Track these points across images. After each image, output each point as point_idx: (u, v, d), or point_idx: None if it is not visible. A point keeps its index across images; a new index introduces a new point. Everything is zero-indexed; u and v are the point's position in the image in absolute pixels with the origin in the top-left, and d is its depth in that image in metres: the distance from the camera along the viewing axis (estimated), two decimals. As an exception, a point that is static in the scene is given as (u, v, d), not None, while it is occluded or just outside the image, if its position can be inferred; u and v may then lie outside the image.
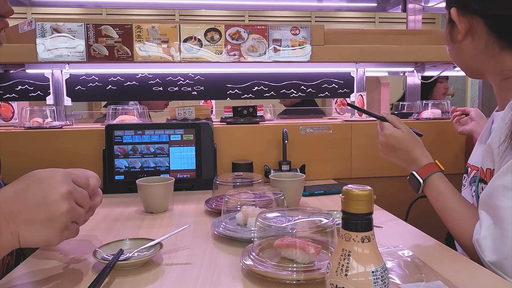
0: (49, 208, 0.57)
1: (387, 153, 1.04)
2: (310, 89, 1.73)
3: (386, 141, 1.02)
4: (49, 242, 0.58)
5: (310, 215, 0.72)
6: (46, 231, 0.57)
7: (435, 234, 0.88)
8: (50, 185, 0.59)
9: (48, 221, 0.57)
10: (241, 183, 1.10)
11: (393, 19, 4.68)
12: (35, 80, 1.57)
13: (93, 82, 1.60)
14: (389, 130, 1.02)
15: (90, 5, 2.56)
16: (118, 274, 0.68)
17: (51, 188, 0.58)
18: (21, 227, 0.55)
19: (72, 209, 0.60)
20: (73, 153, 1.34)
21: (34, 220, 0.56)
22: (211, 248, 0.81)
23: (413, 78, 1.85)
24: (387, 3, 2.34)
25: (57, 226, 0.58)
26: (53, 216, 0.57)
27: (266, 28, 1.49)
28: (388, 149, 1.03)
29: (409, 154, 0.98)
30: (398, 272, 0.66)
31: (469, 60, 0.88)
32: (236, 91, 1.69)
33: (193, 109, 1.44)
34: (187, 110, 1.44)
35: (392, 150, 1.01)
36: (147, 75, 1.63)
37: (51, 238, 0.57)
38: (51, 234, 0.57)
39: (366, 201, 0.45)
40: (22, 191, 0.58)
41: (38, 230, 0.56)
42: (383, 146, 1.04)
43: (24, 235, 0.56)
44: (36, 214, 0.56)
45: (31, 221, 0.56)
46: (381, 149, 1.05)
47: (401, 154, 0.99)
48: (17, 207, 0.56)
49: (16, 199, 0.57)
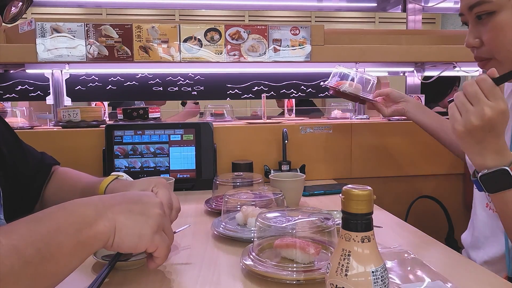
0: (144, 206, 0.61)
1: (475, 133, 0.71)
2: (310, 89, 1.73)
3: (493, 119, 0.69)
4: (141, 238, 0.58)
5: (310, 215, 0.72)
6: (140, 225, 0.58)
7: (435, 234, 0.88)
8: (146, 194, 0.66)
9: (142, 214, 0.59)
10: (241, 183, 1.10)
11: (393, 19, 4.68)
12: (35, 80, 1.57)
13: (93, 82, 1.60)
14: (504, 105, 0.70)
15: (90, 5, 2.56)
16: (118, 274, 0.68)
17: (148, 196, 0.65)
18: (118, 216, 0.57)
19: (163, 216, 0.63)
20: (73, 153, 1.34)
21: (130, 211, 0.59)
22: (211, 248, 0.81)
23: (413, 78, 1.85)
24: (387, 3, 2.34)
25: (149, 223, 0.59)
26: (147, 212, 0.60)
27: (266, 28, 1.49)
28: (483, 130, 0.70)
29: (499, 139, 0.72)
30: (398, 272, 0.66)
31: None
32: (236, 91, 1.69)
33: (78, 111, 1.37)
34: (71, 112, 1.37)
35: (487, 131, 0.71)
36: (147, 75, 1.63)
37: (143, 233, 0.58)
38: (144, 229, 0.58)
39: (366, 201, 0.45)
40: (121, 194, 0.65)
41: (133, 221, 0.58)
42: (484, 123, 0.70)
43: (120, 224, 0.57)
44: (132, 207, 0.60)
45: (127, 211, 0.58)
46: (475, 125, 0.70)
47: (491, 139, 0.71)
48: (116, 201, 0.60)
49: (115, 197, 0.62)
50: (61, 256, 0.50)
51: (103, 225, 0.55)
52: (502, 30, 0.77)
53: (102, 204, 0.57)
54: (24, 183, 0.88)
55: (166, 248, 0.62)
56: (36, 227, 0.49)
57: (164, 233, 0.62)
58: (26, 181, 0.89)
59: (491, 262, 0.90)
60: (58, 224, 0.51)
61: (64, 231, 0.51)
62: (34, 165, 0.92)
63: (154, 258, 0.61)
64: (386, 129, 1.51)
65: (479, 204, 0.96)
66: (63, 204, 0.55)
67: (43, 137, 1.34)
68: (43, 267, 0.47)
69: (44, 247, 0.48)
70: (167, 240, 0.62)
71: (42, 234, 0.49)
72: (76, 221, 0.53)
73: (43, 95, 1.57)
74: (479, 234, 0.95)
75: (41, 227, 0.50)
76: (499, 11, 0.78)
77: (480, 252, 0.94)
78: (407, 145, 1.51)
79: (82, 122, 1.39)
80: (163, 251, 0.61)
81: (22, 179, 0.88)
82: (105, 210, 0.56)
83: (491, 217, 0.91)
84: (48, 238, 0.49)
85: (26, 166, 0.89)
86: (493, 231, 0.90)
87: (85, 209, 0.55)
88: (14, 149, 0.87)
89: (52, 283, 0.50)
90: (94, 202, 0.57)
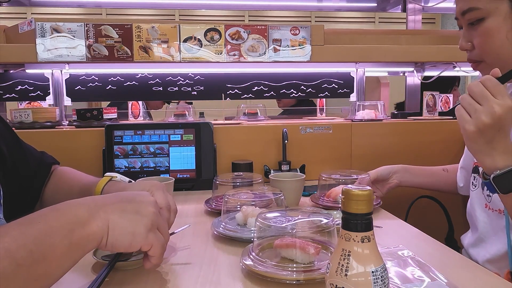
0: (138, 205, 0.61)
1: (486, 132, 0.71)
2: (310, 89, 1.73)
3: (502, 117, 0.69)
4: (135, 236, 0.58)
5: (310, 215, 0.72)
6: (133, 223, 0.58)
7: (435, 234, 0.88)
8: (140, 193, 0.66)
9: (135, 213, 0.59)
10: (241, 183, 1.10)
11: (393, 19, 4.68)
12: (35, 80, 1.57)
13: (93, 82, 1.60)
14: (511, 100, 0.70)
15: (90, 5, 2.56)
16: (118, 274, 0.68)
17: (142, 195, 0.64)
18: (111, 215, 0.57)
19: (158, 215, 0.63)
20: (73, 153, 1.34)
21: (123, 210, 0.59)
22: (211, 248, 0.81)
23: (413, 78, 1.85)
24: (387, 3, 2.33)
25: (143, 221, 0.59)
26: (141, 211, 0.60)
27: (266, 28, 1.49)
28: (493, 128, 0.70)
29: (507, 139, 0.72)
30: (398, 272, 0.66)
31: None
32: (236, 91, 1.68)
33: (30, 112, 1.35)
34: (23, 113, 1.35)
35: (497, 130, 0.71)
36: (147, 75, 1.63)
37: (137, 232, 0.58)
38: (138, 227, 0.58)
39: (366, 201, 0.45)
40: (115, 194, 0.64)
41: (126, 220, 0.58)
42: (495, 121, 0.70)
43: (113, 223, 0.56)
44: (125, 206, 0.60)
45: (120, 210, 0.58)
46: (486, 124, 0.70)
47: (499, 138, 0.72)
48: (109, 200, 0.60)
49: (109, 197, 0.62)
50: (54, 258, 0.49)
51: (96, 225, 0.55)
52: (491, 36, 0.80)
53: (94, 204, 0.57)
54: (24, 183, 0.88)
55: (161, 247, 0.61)
56: (28, 229, 0.49)
57: (159, 232, 0.62)
58: (26, 181, 0.89)
59: (494, 260, 0.91)
60: (50, 226, 0.51)
61: (56, 232, 0.50)
62: (34, 165, 0.92)
63: (149, 257, 0.61)
64: (386, 129, 1.51)
65: (478, 206, 0.97)
66: (56, 206, 0.55)
67: (43, 137, 1.34)
68: (35, 269, 0.47)
69: (36, 249, 0.47)
70: (162, 239, 0.62)
71: (34, 236, 0.48)
72: (69, 222, 0.53)
73: (43, 95, 1.57)
74: (480, 234, 0.96)
75: (33, 228, 0.49)
76: (487, 17, 0.82)
77: (482, 251, 0.95)
78: (407, 145, 1.51)
79: (35, 123, 1.36)
80: (158, 249, 0.60)
81: (22, 179, 0.88)
82: (98, 209, 0.56)
83: (491, 217, 0.92)
84: (40, 240, 0.48)
85: (26, 166, 0.89)
86: (494, 230, 0.91)
87: (77, 210, 0.55)
88: (14, 148, 0.87)
89: (45, 285, 0.49)
90: (86, 202, 0.57)
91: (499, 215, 0.89)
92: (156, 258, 0.61)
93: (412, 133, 1.51)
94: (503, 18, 0.80)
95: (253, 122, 1.54)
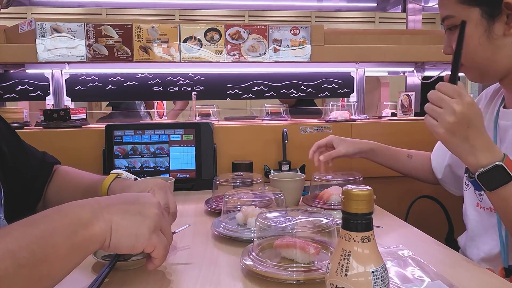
0: (141, 206, 0.60)
1: (456, 130, 0.73)
2: (310, 89, 1.73)
3: (464, 112, 0.72)
4: (138, 238, 0.57)
5: (310, 215, 0.72)
6: (137, 225, 0.58)
7: (435, 234, 0.88)
8: (144, 194, 0.66)
9: (139, 214, 0.59)
10: (241, 183, 1.10)
11: (393, 19, 4.67)
12: (35, 80, 1.57)
13: (93, 82, 1.60)
14: (469, 98, 0.74)
15: (90, 5, 2.57)
16: (118, 274, 0.68)
17: (145, 197, 0.64)
18: (114, 216, 0.57)
19: (161, 216, 0.62)
20: (73, 153, 1.34)
21: (126, 211, 0.58)
22: (211, 248, 0.81)
23: (413, 78, 1.85)
24: (387, 3, 2.34)
25: (147, 222, 0.59)
26: (144, 212, 0.60)
27: (266, 28, 1.49)
28: (461, 125, 0.73)
29: (483, 136, 0.75)
30: (398, 272, 0.66)
31: (502, 59, 0.85)
32: (236, 91, 1.69)
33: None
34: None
35: (466, 126, 0.73)
36: (147, 75, 1.63)
37: (140, 233, 0.58)
38: (141, 229, 0.58)
39: (366, 201, 0.45)
40: (118, 195, 0.65)
41: (129, 221, 0.58)
42: (458, 118, 0.72)
43: (116, 224, 0.56)
44: (129, 207, 0.59)
45: (124, 211, 0.58)
46: (451, 123, 0.73)
47: (475, 135, 0.74)
48: (112, 201, 0.59)
49: (112, 198, 0.62)
50: (56, 259, 0.49)
51: (99, 226, 0.54)
52: (465, 41, 0.82)
53: (98, 205, 0.57)
54: (26, 183, 0.88)
55: (164, 249, 0.61)
56: (31, 229, 0.49)
57: (162, 233, 0.62)
58: (28, 181, 0.89)
59: (488, 258, 0.91)
60: (53, 226, 0.51)
61: (59, 233, 0.50)
62: (36, 165, 0.92)
63: (152, 259, 0.61)
64: (386, 129, 1.51)
65: (470, 205, 0.97)
66: (59, 206, 0.55)
67: (43, 137, 1.34)
68: (37, 270, 0.47)
69: (38, 249, 0.47)
70: (165, 240, 0.62)
71: (37, 237, 0.48)
72: (72, 223, 0.52)
73: (43, 95, 1.57)
74: (473, 233, 0.96)
75: (36, 229, 0.49)
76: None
77: (475, 250, 0.95)
78: (407, 145, 1.51)
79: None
80: (161, 251, 0.60)
81: (24, 179, 0.88)
82: (101, 211, 0.56)
83: (482, 216, 0.93)
84: (42, 241, 0.48)
85: (27, 166, 0.89)
86: (485, 228, 0.92)
87: (80, 211, 0.55)
88: (15, 148, 0.87)
89: (47, 286, 0.49)
90: (90, 203, 0.57)
91: (491, 213, 0.89)
92: (159, 259, 0.61)
93: (412, 133, 1.51)
94: (474, 25, 0.84)
95: (254, 122, 1.54)
